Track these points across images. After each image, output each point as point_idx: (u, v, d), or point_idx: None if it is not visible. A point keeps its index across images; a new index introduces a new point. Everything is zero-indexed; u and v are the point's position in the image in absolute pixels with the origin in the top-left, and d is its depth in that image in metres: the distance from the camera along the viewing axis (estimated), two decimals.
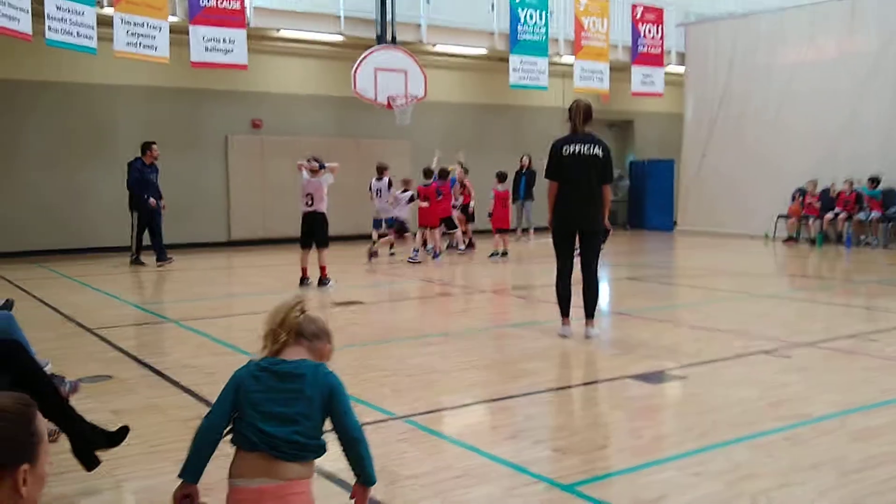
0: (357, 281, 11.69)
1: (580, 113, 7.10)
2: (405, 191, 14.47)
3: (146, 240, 13.77)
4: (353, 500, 2.80)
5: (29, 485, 1.79)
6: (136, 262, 13.63)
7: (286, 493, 2.56)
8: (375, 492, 3.64)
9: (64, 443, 3.85)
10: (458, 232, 15.17)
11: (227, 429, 2.70)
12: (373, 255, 13.97)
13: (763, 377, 5.74)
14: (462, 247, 15.45)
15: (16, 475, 1.76)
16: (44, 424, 1.91)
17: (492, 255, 14.35)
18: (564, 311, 7.28)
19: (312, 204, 10.70)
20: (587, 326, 7.20)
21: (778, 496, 3.59)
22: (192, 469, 2.74)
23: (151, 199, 13.58)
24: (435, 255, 14.21)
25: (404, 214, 14.45)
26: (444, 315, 9.25)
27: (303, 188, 10.77)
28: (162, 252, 13.68)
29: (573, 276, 7.29)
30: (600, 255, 7.26)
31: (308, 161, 10.84)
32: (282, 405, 2.61)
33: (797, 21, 18.06)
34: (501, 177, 14.86)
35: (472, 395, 5.44)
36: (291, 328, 2.71)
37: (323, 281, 10.72)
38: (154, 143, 13.97)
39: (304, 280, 10.77)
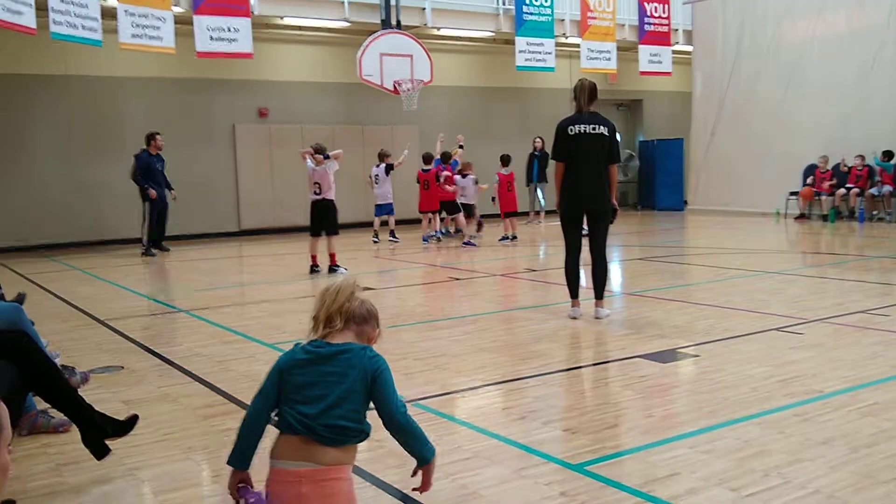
0: (366, 267, 11.70)
1: (585, 92, 7.04)
2: (465, 175, 14.71)
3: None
4: (417, 481, 2.82)
5: None
6: (148, 253, 13.75)
7: (325, 477, 2.54)
8: (385, 476, 3.66)
9: (75, 433, 3.88)
10: (461, 217, 15.11)
11: (275, 412, 2.68)
12: (376, 239, 14.44)
13: (774, 354, 5.71)
14: (454, 231, 15.38)
15: None
16: (6, 416, 1.88)
17: (501, 238, 14.31)
18: (574, 293, 7.28)
19: (320, 192, 10.72)
20: (597, 307, 7.19)
21: (789, 472, 3.57)
22: (241, 456, 2.73)
23: (151, 190, 13.67)
24: (434, 237, 14.51)
25: (472, 198, 14.71)
26: (453, 299, 9.25)
27: (309, 177, 10.80)
28: (161, 241, 14.10)
29: (582, 257, 7.28)
30: (608, 235, 7.21)
31: (310, 149, 10.85)
32: (323, 388, 2.58)
33: None
34: (505, 160, 14.80)
35: (482, 377, 5.44)
36: (345, 313, 2.67)
37: (333, 268, 10.75)
38: (158, 133, 14.07)
39: (314, 268, 10.81)
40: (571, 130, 6.98)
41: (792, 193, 17.63)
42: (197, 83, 16.51)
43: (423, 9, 17.16)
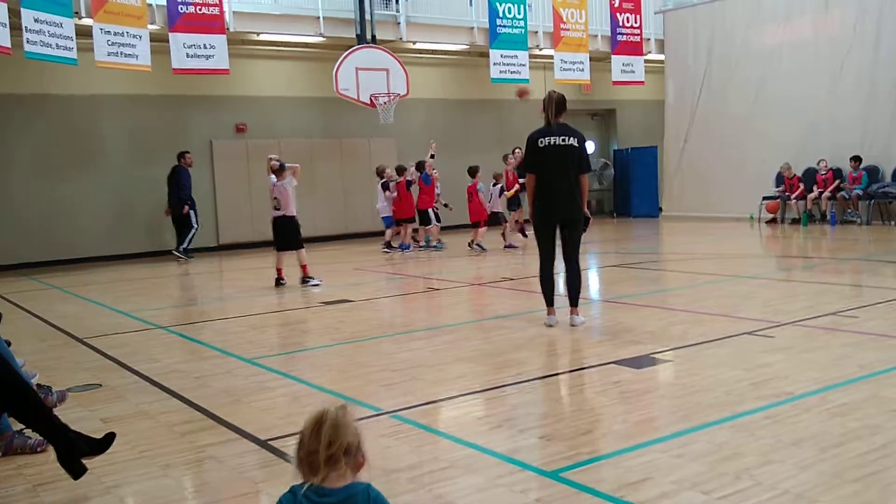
0: (345, 279, 11.72)
1: (553, 105, 7.17)
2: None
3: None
4: None
5: None
6: (186, 256, 15.18)
7: None
8: None
9: (51, 453, 3.89)
10: (434, 228, 15.28)
11: None
12: (388, 246, 15.01)
13: (747, 358, 5.80)
14: (436, 244, 15.49)
15: None
16: None
17: (470, 244, 14.64)
18: (549, 301, 7.38)
19: (280, 208, 10.83)
20: (572, 315, 7.29)
21: (760, 474, 3.64)
22: None
23: (185, 207, 15.24)
24: (403, 248, 14.87)
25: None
26: (430, 309, 9.30)
27: (270, 192, 10.91)
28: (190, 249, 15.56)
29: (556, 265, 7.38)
30: (580, 243, 7.31)
31: (269, 159, 11.02)
32: None
33: (774, 3, 18.14)
34: (472, 171, 14.90)
35: (459, 387, 5.49)
36: (345, 450, 2.33)
37: (305, 279, 10.84)
38: (188, 151, 15.59)
39: (279, 280, 10.95)
40: (541, 143, 7.12)
41: (765, 198, 17.84)
42: (174, 100, 16.50)
43: (398, 23, 17.26)
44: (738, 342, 6.36)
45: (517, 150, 17.77)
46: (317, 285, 10.86)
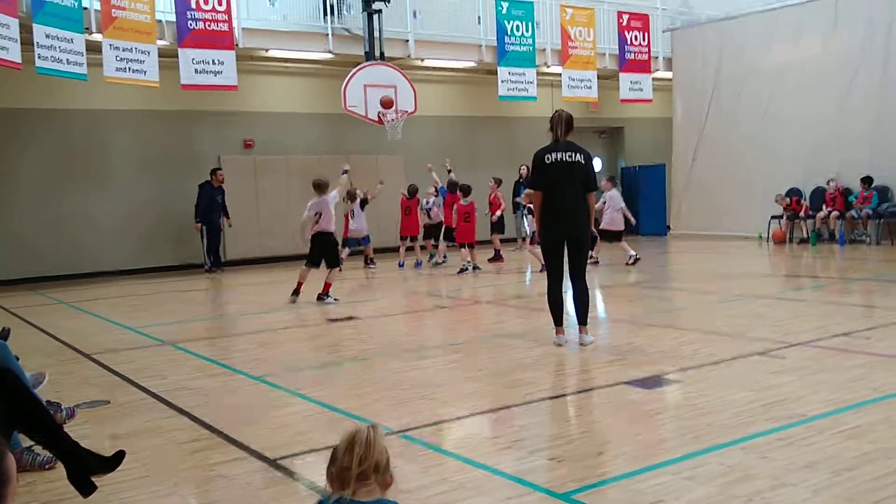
0: (351, 297, 11.71)
1: (561, 123, 7.17)
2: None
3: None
4: None
5: None
6: (211, 270, 15.70)
7: None
8: None
9: (61, 470, 3.87)
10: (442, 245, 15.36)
11: None
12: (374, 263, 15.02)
13: (758, 378, 5.76)
14: (439, 260, 15.52)
15: None
16: (13, 467, 1.81)
17: (460, 270, 13.92)
18: (558, 320, 7.35)
19: (320, 223, 10.78)
20: (581, 334, 7.25)
21: (772, 497, 3.60)
22: None
23: (197, 226, 15.72)
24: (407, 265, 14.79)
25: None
26: (438, 328, 9.27)
27: (310, 208, 10.85)
28: (218, 264, 16.03)
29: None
30: (588, 261, 7.31)
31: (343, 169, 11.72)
32: None
33: (782, 22, 18.18)
34: (466, 190, 14.44)
35: (468, 406, 5.46)
36: (376, 467, 2.43)
37: (322, 296, 10.78)
38: (220, 169, 15.95)
39: (296, 292, 10.88)
40: (548, 159, 7.10)
41: (773, 217, 17.80)
42: (182, 115, 16.57)
43: (407, 41, 17.32)
44: (748, 363, 6.32)
45: (522, 168, 17.84)
46: (334, 301, 10.82)
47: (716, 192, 19.27)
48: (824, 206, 16.92)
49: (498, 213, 15.34)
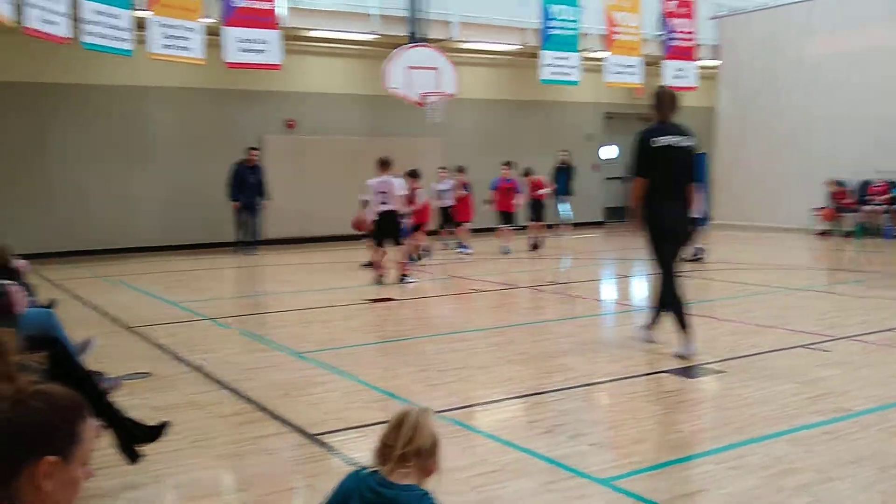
0: (388, 278, 11.72)
1: (668, 101, 6.47)
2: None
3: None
4: None
5: (54, 481, 1.67)
6: (240, 251, 15.44)
7: None
8: None
9: (107, 438, 3.92)
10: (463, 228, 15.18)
11: None
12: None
13: (801, 371, 5.68)
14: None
15: (40, 465, 1.65)
16: (91, 432, 1.79)
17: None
18: (686, 324, 6.35)
19: (387, 202, 10.88)
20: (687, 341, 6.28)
21: (819, 491, 3.55)
22: None
23: (235, 204, 15.48)
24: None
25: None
26: (477, 311, 9.26)
27: (373, 187, 10.93)
28: (253, 244, 15.68)
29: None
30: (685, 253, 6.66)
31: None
32: None
33: (834, 10, 17.79)
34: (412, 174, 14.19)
35: (507, 389, 5.45)
36: (418, 452, 2.45)
37: (404, 277, 10.93)
38: (254, 147, 15.83)
39: (378, 275, 10.94)
40: (655, 143, 6.30)
41: (817, 209, 17.51)
42: (225, 94, 16.65)
43: (450, 23, 17.23)
44: (792, 355, 6.23)
45: (562, 154, 17.69)
46: (413, 281, 10.91)
47: (758, 183, 18.98)
48: (871, 200, 16.61)
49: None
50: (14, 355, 1.75)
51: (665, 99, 6.49)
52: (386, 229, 10.94)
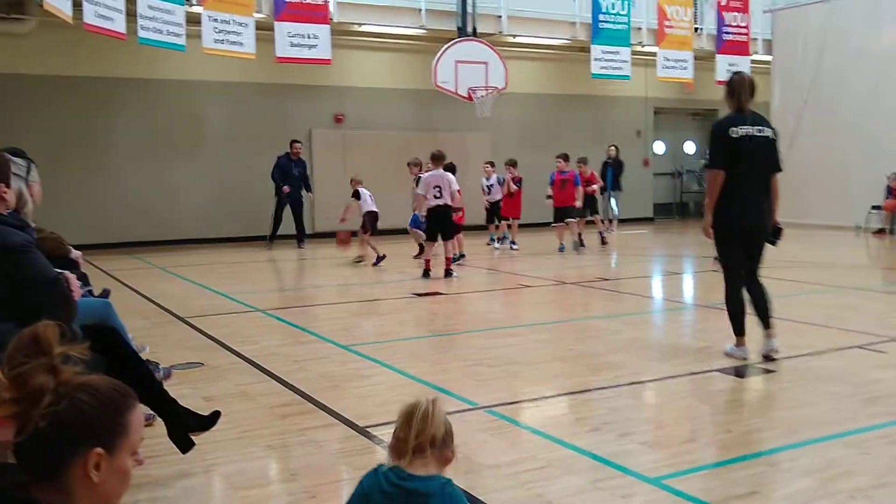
0: (437, 272, 11.73)
1: (746, 88, 6.05)
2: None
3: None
4: None
5: (103, 472, 1.69)
6: (271, 243, 15.58)
7: None
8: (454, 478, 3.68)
9: (157, 428, 3.99)
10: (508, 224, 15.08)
11: None
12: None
13: (856, 372, 5.56)
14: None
15: (88, 457, 1.67)
16: (139, 422, 1.80)
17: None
18: (740, 328, 6.08)
19: (441, 196, 10.94)
20: (767, 338, 6.03)
21: (874, 494, 3.47)
22: None
23: (285, 188, 15.50)
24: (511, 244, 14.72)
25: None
26: (525, 306, 9.23)
27: (427, 183, 10.98)
28: (301, 239, 15.86)
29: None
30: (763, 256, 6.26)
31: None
32: None
33: (891, 3, 17.35)
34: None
35: (555, 386, 5.42)
36: (433, 442, 2.44)
37: (449, 271, 10.99)
38: (297, 141, 15.87)
39: (426, 271, 10.98)
40: (734, 133, 5.89)
41: (874, 207, 17.10)
42: (275, 88, 16.82)
43: (500, 17, 17.19)
44: (846, 355, 6.10)
45: (611, 149, 17.53)
46: (456, 277, 10.94)
47: (812, 180, 18.58)
48: None
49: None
50: (57, 347, 1.74)
51: (741, 86, 6.05)
52: (439, 223, 10.95)
